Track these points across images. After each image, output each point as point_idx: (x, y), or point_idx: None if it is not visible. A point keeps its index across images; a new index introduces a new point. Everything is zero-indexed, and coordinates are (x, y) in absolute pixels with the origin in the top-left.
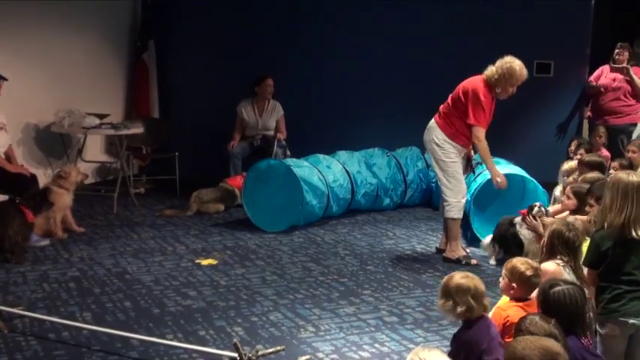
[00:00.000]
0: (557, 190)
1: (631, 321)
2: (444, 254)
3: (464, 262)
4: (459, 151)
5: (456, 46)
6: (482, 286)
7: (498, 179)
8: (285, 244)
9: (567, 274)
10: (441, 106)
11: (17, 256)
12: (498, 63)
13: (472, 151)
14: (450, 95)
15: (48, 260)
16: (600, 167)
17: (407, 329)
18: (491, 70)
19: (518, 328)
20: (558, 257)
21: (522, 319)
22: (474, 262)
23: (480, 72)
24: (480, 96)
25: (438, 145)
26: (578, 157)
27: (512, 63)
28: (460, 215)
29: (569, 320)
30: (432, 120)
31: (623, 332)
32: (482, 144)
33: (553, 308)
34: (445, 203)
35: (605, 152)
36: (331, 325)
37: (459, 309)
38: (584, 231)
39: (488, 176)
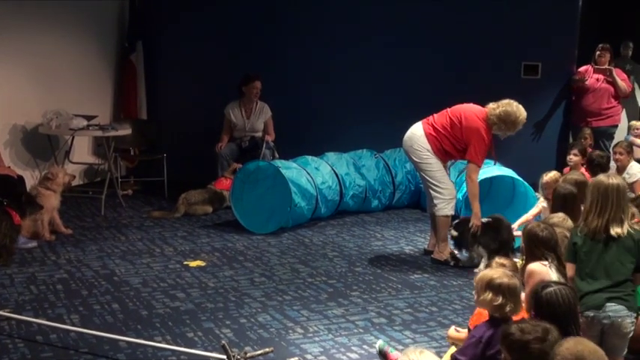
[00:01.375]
0: (541, 204)
1: (590, 314)
2: (432, 255)
3: (452, 264)
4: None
5: (444, 47)
6: (520, 287)
7: (476, 221)
8: (274, 245)
9: (553, 274)
10: (434, 117)
11: (4, 258)
12: (503, 113)
13: (447, 170)
14: (448, 114)
15: (35, 262)
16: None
17: (395, 330)
18: (491, 119)
19: (505, 334)
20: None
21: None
22: (461, 263)
23: (464, 74)
24: (484, 136)
25: (419, 151)
26: (572, 157)
27: (516, 113)
28: (452, 212)
29: (562, 320)
30: (420, 127)
31: (590, 328)
32: (475, 184)
33: (546, 309)
34: (436, 201)
35: None
36: (320, 327)
37: (508, 307)
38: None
39: (482, 176)
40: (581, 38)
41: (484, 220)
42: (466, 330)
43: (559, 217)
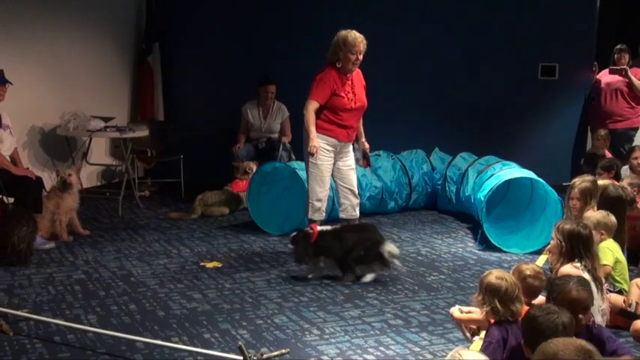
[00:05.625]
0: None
1: None
2: None
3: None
4: (331, 146)
5: (461, 49)
6: (514, 290)
7: (310, 141)
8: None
9: (586, 276)
10: None
11: (22, 261)
12: (334, 41)
13: (366, 145)
14: None
15: (53, 263)
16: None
17: (412, 332)
18: (330, 54)
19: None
20: (576, 260)
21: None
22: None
23: (482, 75)
24: (323, 75)
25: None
26: (597, 176)
27: (339, 35)
28: (313, 217)
29: (572, 310)
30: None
31: None
32: (308, 114)
33: (559, 297)
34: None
35: (607, 155)
36: (336, 328)
37: (485, 308)
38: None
39: (503, 179)
40: (599, 39)
41: (326, 228)
42: (471, 308)
43: (602, 213)
